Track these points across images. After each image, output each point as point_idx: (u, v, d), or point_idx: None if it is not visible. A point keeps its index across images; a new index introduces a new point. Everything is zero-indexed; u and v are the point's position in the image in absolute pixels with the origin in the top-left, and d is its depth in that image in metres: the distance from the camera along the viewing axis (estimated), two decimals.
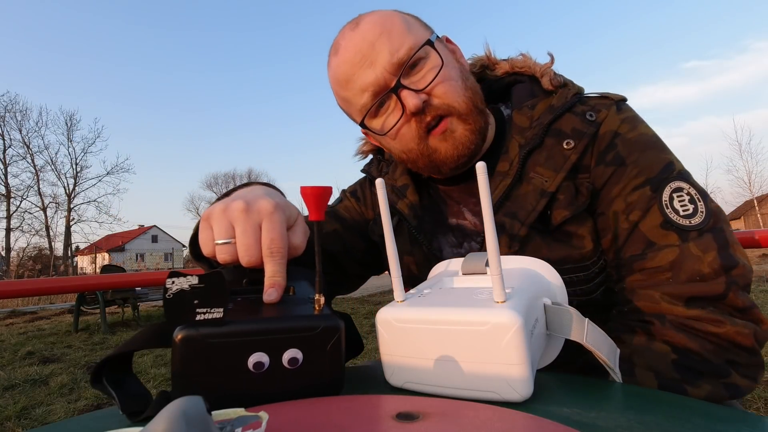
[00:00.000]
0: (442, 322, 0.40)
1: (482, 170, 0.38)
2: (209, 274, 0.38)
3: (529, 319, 0.39)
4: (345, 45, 0.65)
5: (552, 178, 0.63)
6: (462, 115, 0.64)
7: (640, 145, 0.63)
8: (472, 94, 0.66)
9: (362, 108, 0.66)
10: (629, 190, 0.61)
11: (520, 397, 0.38)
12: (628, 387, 0.45)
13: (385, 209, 0.46)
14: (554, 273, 0.52)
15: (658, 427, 0.33)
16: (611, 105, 0.66)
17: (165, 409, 0.23)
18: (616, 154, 0.62)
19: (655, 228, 0.59)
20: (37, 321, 7.13)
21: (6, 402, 2.87)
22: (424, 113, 0.63)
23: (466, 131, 0.65)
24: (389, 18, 0.65)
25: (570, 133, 0.64)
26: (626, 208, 0.61)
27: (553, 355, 0.50)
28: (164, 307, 0.37)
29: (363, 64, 0.63)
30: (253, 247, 0.47)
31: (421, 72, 0.64)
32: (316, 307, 0.43)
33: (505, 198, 0.65)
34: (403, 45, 0.62)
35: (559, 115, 0.66)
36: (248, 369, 0.39)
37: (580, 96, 0.68)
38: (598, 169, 0.63)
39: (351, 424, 0.33)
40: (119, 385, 0.42)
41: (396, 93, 0.63)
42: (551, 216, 0.63)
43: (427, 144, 0.65)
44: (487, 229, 0.39)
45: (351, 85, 0.65)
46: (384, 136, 0.68)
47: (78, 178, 29.90)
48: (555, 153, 0.64)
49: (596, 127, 0.64)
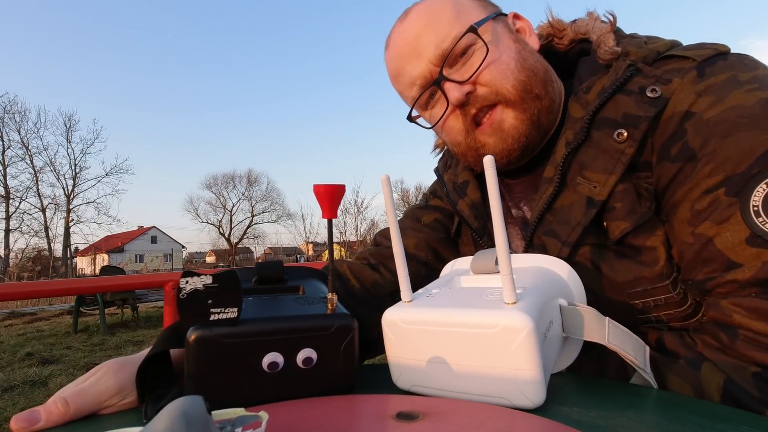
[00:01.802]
0: (450, 323, 0.39)
1: (490, 164, 0.37)
2: (223, 274, 0.38)
3: (541, 321, 0.38)
4: (394, 39, 0.64)
5: (603, 183, 0.51)
6: (511, 102, 0.57)
7: (723, 127, 0.45)
8: (526, 77, 0.57)
9: (411, 101, 0.65)
10: (699, 193, 0.46)
11: (531, 403, 0.36)
12: (628, 386, 0.45)
13: (391, 206, 0.45)
14: (571, 272, 0.50)
15: (658, 426, 0.33)
16: (689, 69, 0.49)
17: (165, 409, 0.23)
18: (683, 145, 0.47)
19: (738, 245, 0.44)
20: (36, 322, 7.11)
21: (5, 403, 2.86)
22: (469, 105, 0.59)
23: (516, 121, 0.57)
24: (438, 5, 0.60)
25: (621, 120, 0.51)
26: (693, 216, 0.47)
27: (571, 358, 0.48)
28: (178, 307, 0.37)
29: (410, 57, 0.61)
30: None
31: (468, 62, 0.58)
32: (329, 306, 0.43)
33: (546, 210, 0.56)
34: (450, 34, 0.58)
35: (608, 98, 0.53)
36: (263, 369, 0.39)
37: (639, 66, 0.52)
38: (663, 167, 0.49)
39: (351, 424, 0.33)
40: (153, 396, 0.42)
41: (439, 86, 0.60)
42: (608, 229, 0.52)
43: (475, 138, 0.60)
44: (496, 226, 0.38)
45: (401, 79, 0.64)
46: (433, 129, 0.67)
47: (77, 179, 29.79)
48: (604, 149, 0.52)
49: (660, 105, 0.49)
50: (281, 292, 0.53)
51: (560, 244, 0.54)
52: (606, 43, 0.57)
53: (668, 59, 0.52)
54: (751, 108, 0.45)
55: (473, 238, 0.70)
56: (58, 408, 0.40)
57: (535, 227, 0.58)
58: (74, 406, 0.40)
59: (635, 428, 0.33)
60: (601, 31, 0.59)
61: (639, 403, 0.39)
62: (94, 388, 0.42)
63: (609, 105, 0.53)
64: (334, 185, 0.43)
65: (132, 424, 0.39)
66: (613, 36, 0.58)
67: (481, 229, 0.67)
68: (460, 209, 0.69)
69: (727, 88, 0.47)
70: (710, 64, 0.49)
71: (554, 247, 0.55)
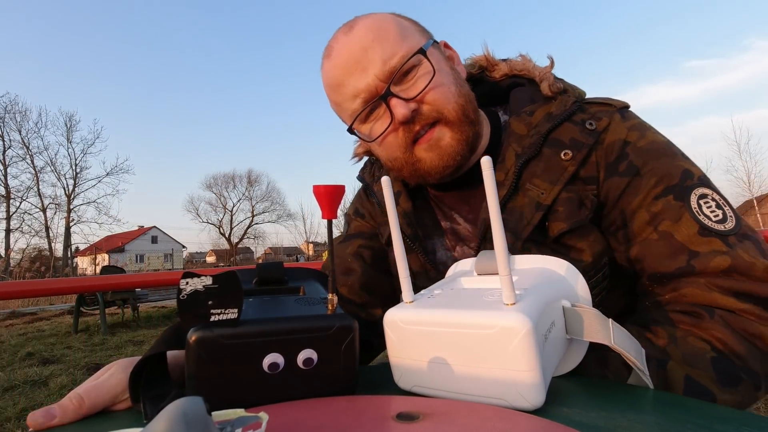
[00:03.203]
0: (449, 324, 0.39)
1: (488, 165, 0.37)
2: (223, 275, 0.38)
3: (541, 322, 0.38)
4: (338, 49, 0.64)
5: (548, 191, 0.61)
6: (451, 122, 0.63)
7: (653, 153, 0.60)
8: (464, 102, 0.64)
9: (353, 113, 0.66)
10: (651, 199, 0.58)
11: (529, 405, 0.36)
12: (629, 387, 0.45)
13: (392, 207, 0.46)
14: (576, 273, 0.50)
15: (658, 426, 0.33)
16: (613, 112, 0.64)
17: (165, 409, 0.23)
18: (629, 163, 0.60)
19: (693, 237, 0.55)
20: (36, 322, 7.12)
21: (6, 403, 2.87)
22: (413, 122, 0.62)
23: (453, 140, 0.63)
24: (384, 23, 0.63)
25: (568, 143, 0.62)
26: (652, 219, 0.58)
27: (576, 360, 0.48)
28: (178, 307, 0.37)
29: (355, 70, 0.62)
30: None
31: (413, 80, 0.62)
32: (330, 307, 0.43)
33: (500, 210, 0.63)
34: (397, 53, 0.61)
35: (558, 124, 0.64)
36: (263, 370, 0.39)
37: (580, 103, 0.66)
38: (612, 181, 0.61)
39: (351, 425, 0.33)
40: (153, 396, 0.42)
41: (385, 101, 0.62)
42: (548, 228, 0.61)
43: (413, 153, 0.64)
44: (494, 228, 0.38)
45: (342, 90, 0.65)
46: (371, 143, 0.68)
47: (77, 179, 29.81)
48: (552, 164, 0.62)
49: (596, 136, 0.62)
50: (282, 293, 0.53)
51: (514, 239, 0.61)
52: (548, 79, 0.68)
53: (591, 104, 0.67)
54: (661, 143, 0.62)
55: (405, 242, 0.73)
56: (72, 403, 0.41)
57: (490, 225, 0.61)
58: (89, 401, 0.42)
59: (636, 429, 0.33)
60: (544, 70, 0.70)
61: (640, 404, 0.39)
62: (107, 383, 0.44)
63: (560, 129, 0.64)
64: (333, 186, 0.43)
65: (134, 425, 0.39)
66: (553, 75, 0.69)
67: (413, 235, 0.72)
68: None
69: (643, 128, 0.63)
70: (624, 111, 0.66)
71: (509, 239, 0.61)
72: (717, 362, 0.49)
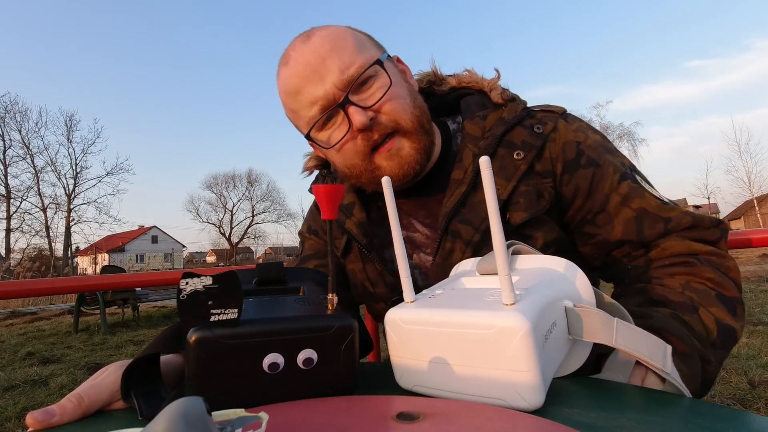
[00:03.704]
0: (449, 324, 0.39)
1: (486, 165, 0.37)
2: (223, 275, 0.38)
3: (541, 322, 0.38)
4: (296, 57, 0.65)
5: (504, 186, 0.66)
6: (408, 133, 0.66)
7: (601, 149, 0.70)
8: (419, 113, 0.68)
9: (310, 120, 0.67)
10: (616, 184, 0.67)
11: (528, 405, 0.36)
12: (629, 387, 0.45)
13: (392, 207, 0.46)
14: (579, 273, 0.50)
15: (658, 427, 0.33)
16: (557, 118, 0.71)
17: (165, 409, 0.23)
18: (588, 158, 0.68)
19: (659, 207, 0.66)
20: (37, 322, 7.12)
21: (6, 403, 2.87)
22: (371, 130, 0.64)
23: (411, 150, 0.66)
24: (341, 35, 0.66)
25: (520, 144, 0.68)
26: (623, 200, 0.67)
27: (580, 361, 0.47)
28: (178, 308, 0.37)
29: (313, 78, 0.64)
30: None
31: (370, 90, 0.65)
32: (330, 307, 0.43)
33: (460, 205, 0.67)
34: (354, 63, 0.64)
35: (511, 128, 0.70)
36: (263, 370, 0.39)
37: (528, 110, 0.73)
38: (578, 174, 0.68)
39: (351, 425, 0.33)
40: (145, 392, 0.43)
41: (344, 108, 0.64)
42: (509, 219, 0.66)
43: (372, 161, 0.67)
44: (494, 228, 0.38)
45: (300, 98, 0.66)
46: (329, 150, 0.69)
47: (78, 179, 29.79)
48: (507, 163, 0.68)
49: (543, 138, 0.69)
50: (281, 293, 0.53)
51: (473, 231, 0.66)
52: (497, 89, 0.75)
53: (536, 110, 0.73)
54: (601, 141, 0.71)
55: (361, 253, 0.76)
56: (72, 402, 0.42)
57: (452, 217, 0.68)
58: (88, 399, 0.42)
59: (636, 429, 0.33)
60: (492, 81, 0.77)
61: (640, 404, 0.39)
62: (105, 381, 0.44)
63: (512, 132, 0.70)
64: (333, 186, 0.43)
65: (133, 424, 0.39)
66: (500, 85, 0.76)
67: (369, 245, 0.74)
68: (348, 228, 0.76)
69: (584, 130, 0.72)
70: (565, 115, 0.73)
71: (468, 233, 0.67)
72: (721, 298, 0.59)
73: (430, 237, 0.73)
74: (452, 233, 0.67)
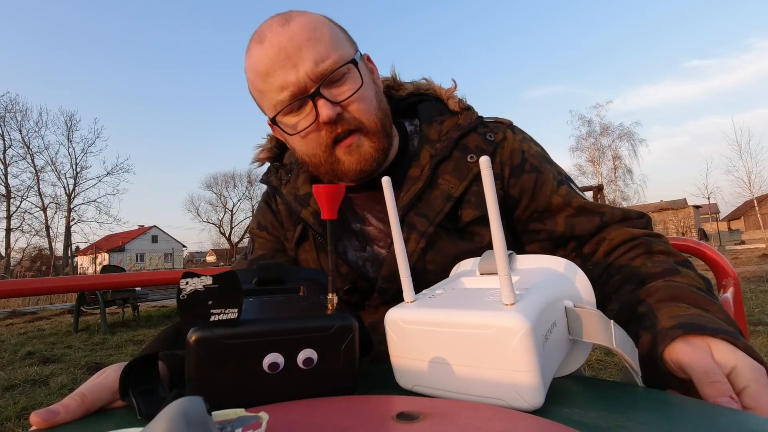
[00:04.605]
0: (448, 324, 0.39)
1: (486, 165, 0.37)
2: (223, 275, 0.37)
3: (541, 322, 0.37)
4: (271, 39, 0.66)
5: (457, 185, 0.72)
6: (370, 133, 0.69)
7: (541, 158, 0.78)
8: (383, 116, 0.72)
9: (277, 104, 0.68)
10: (555, 187, 0.74)
11: (528, 405, 0.36)
12: (628, 387, 0.45)
13: (392, 205, 0.46)
14: (579, 273, 0.50)
15: (658, 426, 0.33)
16: (506, 128, 0.79)
17: (165, 409, 0.23)
18: (531, 164, 0.76)
19: (593, 204, 0.74)
20: (37, 321, 7.12)
21: (6, 402, 2.87)
22: (336, 124, 0.67)
23: (371, 149, 0.70)
24: (320, 25, 0.67)
25: (473, 149, 0.75)
26: (564, 200, 0.74)
27: (580, 361, 0.47)
28: (178, 307, 0.37)
29: (286, 64, 0.65)
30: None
31: (341, 87, 0.67)
32: (330, 307, 0.43)
33: (416, 200, 0.72)
34: (329, 57, 0.65)
35: (466, 133, 0.76)
36: (263, 370, 0.39)
37: (481, 119, 0.79)
38: (523, 177, 0.75)
39: (351, 425, 0.33)
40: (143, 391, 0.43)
41: (313, 100, 0.65)
42: (461, 216, 0.72)
43: (333, 153, 0.69)
44: (493, 228, 0.38)
45: (270, 80, 0.66)
46: (293, 136, 0.71)
47: (78, 179, 29.73)
48: (461, 164, 0.73)
49: (494, 146, 0.76)
50: (282, 293, 0.53)
51: (428, 223, 0.70)
52: (454, 98, 0.81)
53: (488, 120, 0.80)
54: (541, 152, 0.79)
55: (316, 242, 0.78)
56: (75, 401, 0.43)
57: (408, 210, 0.72)
58: (90, 398, 0.43)
59: (636, 429, 0.33)
60: (450, 90, 0.83)
61: (640, 404, 0.39)
62: (106, 381, 0.45)
63: (467, 138, 0.76)
64: (333, 186, 0.43)
65: (133, 424, 0.39)
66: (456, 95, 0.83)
67: (324, 233, 0.75)
68: (305, 217, 0.77)
69: (527, 141, 0.79)
70: (513, 127, 0.81)
71: (423, 224, 0.71)
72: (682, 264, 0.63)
73: (383, 231, 0.76)
74: (408, 225, 0.71)
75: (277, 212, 0.85)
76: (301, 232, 0.80)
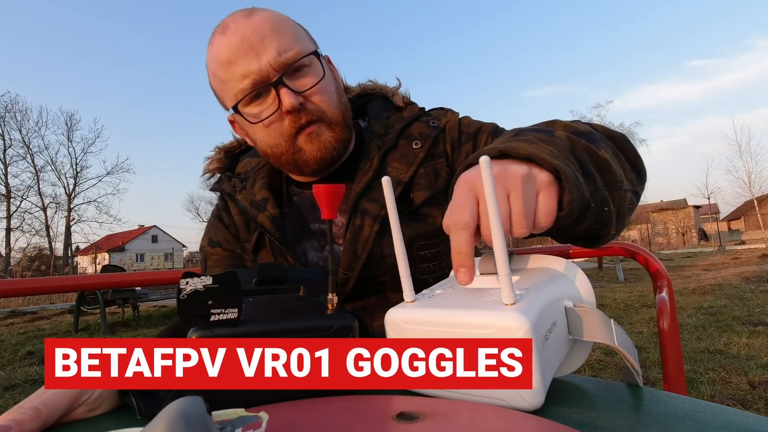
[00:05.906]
0: (449, 324, 0.39)
1: (486, 165, 0.37)
2: (223, 275, 0.38)
3: (541, 322, 0.37)
4: (234, 30, 0.66)
5: (405, 171, 0.76)
6: (332, 123, 0.73)
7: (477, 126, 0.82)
8: (344, 109, 0.76)
9: (239, 93, 0.68)
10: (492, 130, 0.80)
11: (529, 405, 0.36)
12: (628, 387, 0.45)
13: (392, 205, 0.46)
14: (580, 273, 0.49)
15: (658, 426, 0.33)
16: (449, 112, 0.84)
17: (165, 409, 0.23)
18: (467, 133, 0.80)
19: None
20: (37, 321, 7.12)
21: (6, 402, 2.87)
22: (299, 113, 0.69)
23: (331, 138, 0.73)
24: (283, 20, 0.70)
25: (417, 136, 0.79)
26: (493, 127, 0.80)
27: (580, 361, 0.47)
28: (178, 307, 0.37)
29: (249, 52, 0.66)
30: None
31: (303, 78, 0.69)
32: (330, 307, 0.43)
33: (367, 188, 0.76)
34: (292, 48, 0.68)
35: (409, 123, 0.81)
36: None
37: (423, 110, 0.85)
38: (463, 147, 0.79)
39: (351, 424, 0.33)
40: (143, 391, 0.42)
41: (276, 88, 0.66)
42: (413, 199, 0.75)
43: (295, 143, 0.71)
44: (494, 227, 0.38)
45: (232, 68, 0.67)
46: (254, 126, 0.71)
47: (78, 178, 29.68)
48: (407, 152, 0.78)
49: (438, 130, 0.80)
50: (281, 292, 0.53)
51: (380, 207, 0.73)
52: (398, 95, 0.87)
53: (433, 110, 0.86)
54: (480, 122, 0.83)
55: (273, 245, 0.78)
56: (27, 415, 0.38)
57: (360, 197, 0.75)
58: (46, 411, 0.39)
59: (636, 429, 0.33)
60: (394, 88, 0.89)
61: (640, 404, 0.39)
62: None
63: (411, 127, 0.81)
64: (333, 186, 0.43)
65: (132, 424, 0.39)
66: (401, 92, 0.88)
67: (282, 238, 0.76)
68: (261, 221, 0.77)
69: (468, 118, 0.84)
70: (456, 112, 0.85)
71: (375, 209, 0.73)
72: (593, 129, 0.61)
73: (341, 226, 0.77)
74: (361, 211, 0.74)
75: (230, 225, 0.83)
76: (258, 239, 0.79)
